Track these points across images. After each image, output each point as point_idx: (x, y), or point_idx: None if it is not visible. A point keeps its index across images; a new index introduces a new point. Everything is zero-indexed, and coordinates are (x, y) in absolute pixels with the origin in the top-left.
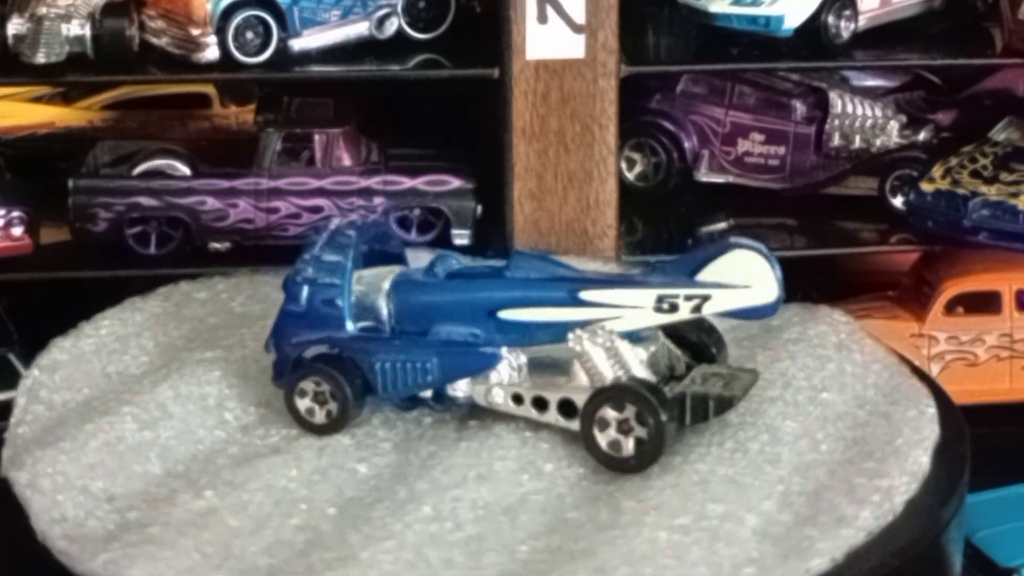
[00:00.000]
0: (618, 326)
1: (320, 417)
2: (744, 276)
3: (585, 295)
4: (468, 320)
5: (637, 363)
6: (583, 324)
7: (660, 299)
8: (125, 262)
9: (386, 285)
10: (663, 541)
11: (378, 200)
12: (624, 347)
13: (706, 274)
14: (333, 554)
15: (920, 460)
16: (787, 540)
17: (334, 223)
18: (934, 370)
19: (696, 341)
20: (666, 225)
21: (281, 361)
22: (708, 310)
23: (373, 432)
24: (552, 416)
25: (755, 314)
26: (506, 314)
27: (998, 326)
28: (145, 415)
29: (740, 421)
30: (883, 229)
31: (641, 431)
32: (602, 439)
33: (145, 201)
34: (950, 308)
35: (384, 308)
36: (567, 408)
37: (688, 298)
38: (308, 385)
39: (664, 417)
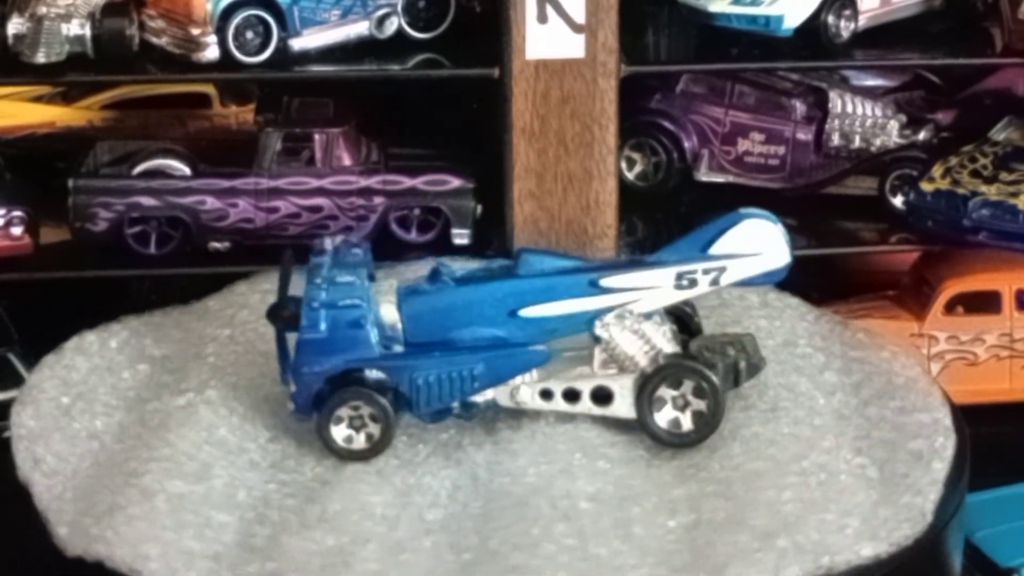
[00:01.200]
0: (639, 308)
1: (360, 442)
2: (756, 244)
3: (606, 282)
4: (489, 322)
5: (665, 341)
6: (605, 311)
7: (679, 276)
8: (125, 262)
9: (392, 298)
10: (800, 499)
11: (378, 200)
12: (649, 327)
13: (719, 247)
14: (498, 567)
15: (932, 390)
16: (885, 481)
17: (328, 244)
18: (934, 370)
19: (675, 313)
20: (666, 225)
21: (303, 392)
22: (725, 281)
23: (412, 449)
24: (584, 406)
25: (770, 279)
26: (528, 311)
27: (998, 326)
28: (184, 468)
29: (751, 384)
30: (883, 229)
31: (700, 404)
32: (660, 419)
33: (145, 201)
34: (950, 308)
35: (397, 321)
36: (599, 396)
37: (706, 272)
38: (344, 411)
39: (720, 387)
